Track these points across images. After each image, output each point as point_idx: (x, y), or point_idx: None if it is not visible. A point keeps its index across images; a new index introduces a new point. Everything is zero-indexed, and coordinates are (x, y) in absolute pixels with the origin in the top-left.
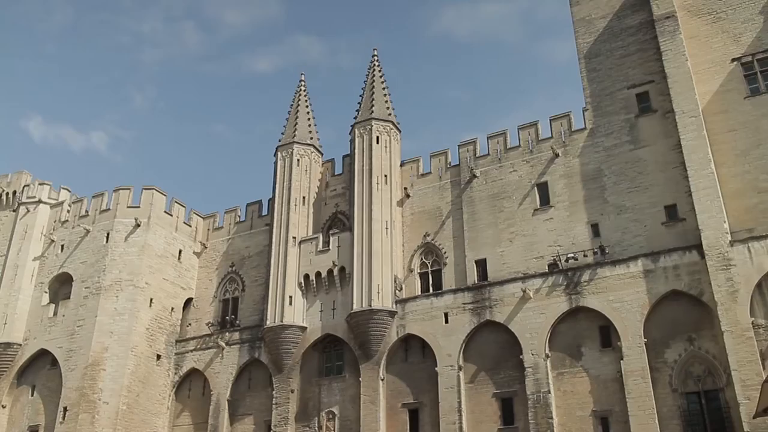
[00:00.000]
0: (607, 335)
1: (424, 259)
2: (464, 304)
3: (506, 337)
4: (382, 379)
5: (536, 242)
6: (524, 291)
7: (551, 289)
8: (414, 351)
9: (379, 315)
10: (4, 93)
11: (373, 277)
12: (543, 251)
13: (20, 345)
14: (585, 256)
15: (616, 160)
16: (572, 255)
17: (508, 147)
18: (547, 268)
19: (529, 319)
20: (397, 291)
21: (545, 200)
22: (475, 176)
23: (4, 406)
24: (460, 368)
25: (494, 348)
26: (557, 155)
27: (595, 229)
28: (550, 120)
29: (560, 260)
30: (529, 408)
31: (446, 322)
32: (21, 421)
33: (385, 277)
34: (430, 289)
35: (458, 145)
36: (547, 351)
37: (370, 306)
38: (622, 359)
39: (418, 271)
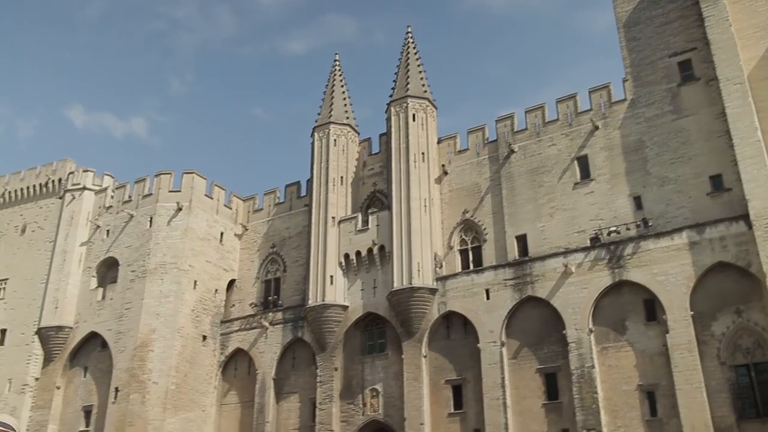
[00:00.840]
0: (652, 309)
1: (463, 236)
2: (505, 280)
3: (549, 313)
4: (425, 356)
5: (577, 216)
6: (566, 266)
7: (593, 263)
8: (456, 328)
9: (420, 293)
10: (46, 84)
11: (413, 255)
12: (584, 225)
13: (71, 328)
14: (627, 229)
15: (658, 130)
16: (614, 228)
17: (546, 121)
18: (588, 242)
19: (572, 294)
20: (437, 268)
21: (586, 174)
22: (513, 151)
23: (58, 387)
24: (502, 344)
25: (537, 323)
26: (597, 128)
27: (638, 202)
28: (589, 92)
29: (602, 234)
30: (573, 383)
31: (487, 298)
32: (75, 401)
33: (425, 255)
34: (471, 265)
35: (495, 121)
36: (590, 326)
37: (411, 284)
38: (667, 333)
39: (458, 248)
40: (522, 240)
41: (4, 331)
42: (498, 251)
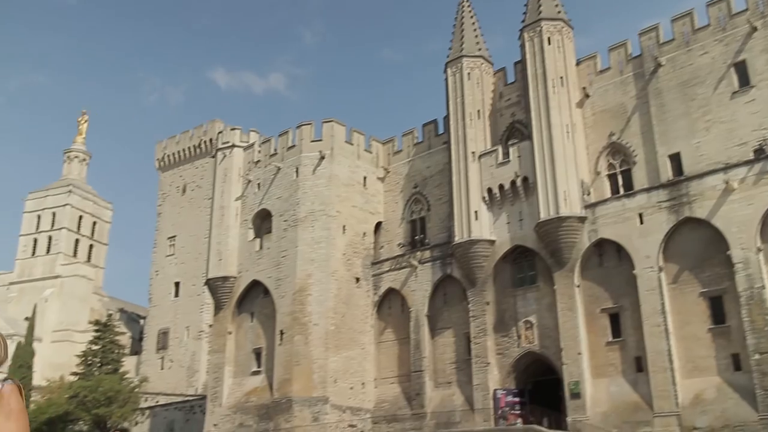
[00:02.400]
0: None
1: (611, 160)
2: (659, 202)
3: (710, 233)
4: (578, 286)
5: (737, 128)
6: (727, 182)
7: (758, 177)
8: (608, 255)
9: (569, 222)
10: (190, 50)
11: (558, 183)
12: (746, 137)
13: (235, 278)
14: None
15: None
16: None
17: (696, 28)
18: (752, 154)
19: (735, 211)
20: (584, 196)
21: (744, 81)
22: (660, 65)
23: (230, 332)
24: (660, 269)
25: (697, 245)
26: (755, 29)
27: None
28: None
29: (767, 144)
30: (741, 305)
31: (641, 222)
32: (245, 344)
33: (571, 183)
34: (621, 190)
35: (638, 34)
36: (758, 244)
37: (558, 214)
38: None
39: (606, 173)
40: (675, 159)
41: (177, 283)
42: (649, 173)
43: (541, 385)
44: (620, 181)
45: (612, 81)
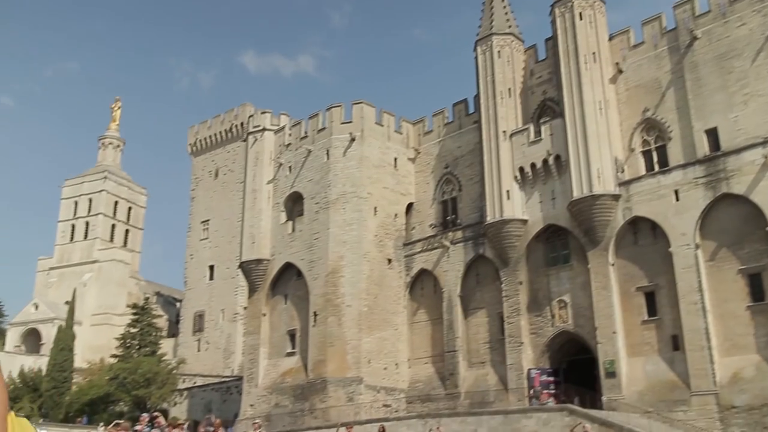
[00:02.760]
0: None
1: (645, 137)
2: (696, 178)
3: (748, 209)
4: (612, 265)
5: None
6: (766, 157)
7: None
8: (643, 233)
9: (602, 200)
10: (219, 34)
11: (591, 161)
12: None
13: (268, 260)
14: None
15: None
16: None
17: None
18: None
19: None
20: (618, 173)
21: None
22: (696, 38)
23: (264, 314)
24: (697, 246)
25: (735, 222)
26: None
27: None
28: None
29: None
30: None
31: (677, 200)
32: (280, 326)
33: (604, 160)
34: (655, 167)
35: (673, 7)
36: None
37: (591, 192)
38: None
39: (640, 149)
40: (712, 134)
41: (212, 267)
42: (685, 148)
43: (575, 365)
44: (655, 158)
45: (646, 56)
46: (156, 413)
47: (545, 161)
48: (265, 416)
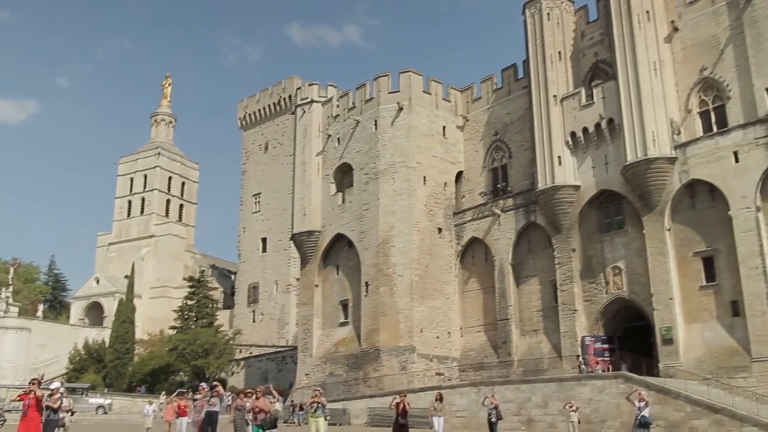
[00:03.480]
0: None
1: (702, 97)
2: (756, 138)
3: None
4: (668, 230)
5: None
6: None
7: None
8: (701, 196)
9: (657, 163)
10: (266, 7)
11: (646, 124)
12: None
13: (319, 232)
14: None
15: None
16: None
17: None
18: None
19: None
20: (674, 135)
21: None
22: None
23: (317, 285)
24: (758, 209)
25: None
26: None
27: None
28: None
29: None
30: None
31: (736, 161)
32: (332, 296)
33: (659, 123)
34: (714, 128)
35: None
36: None
37: (646, 155)
38: None
39: (697, 110)
40: None
41: (264, 239)
42: (745, 108)
43: (631, 332)
44: (713, 119)
45: (703, 12)
46: (215, 383)
47: (598, 125)
48: (320, 384)
